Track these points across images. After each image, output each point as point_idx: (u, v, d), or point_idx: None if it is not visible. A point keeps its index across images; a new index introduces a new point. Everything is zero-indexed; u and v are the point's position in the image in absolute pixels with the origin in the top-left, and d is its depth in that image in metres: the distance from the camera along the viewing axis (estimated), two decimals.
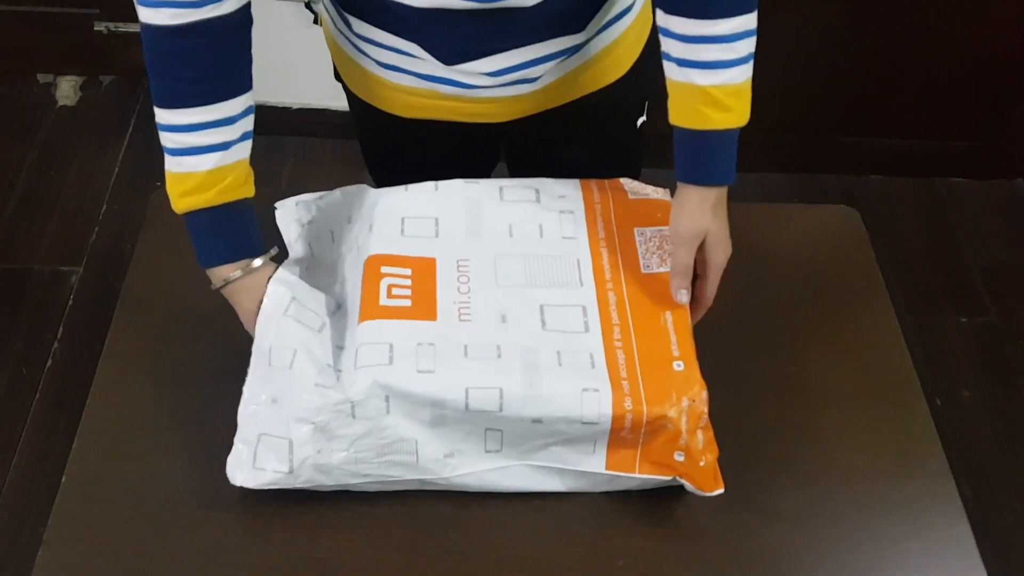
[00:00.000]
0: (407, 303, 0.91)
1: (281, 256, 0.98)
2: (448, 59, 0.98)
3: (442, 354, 0.87)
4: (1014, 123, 2.29)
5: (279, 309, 0.91)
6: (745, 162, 0.94)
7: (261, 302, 0.92)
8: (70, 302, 2.03)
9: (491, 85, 1.02)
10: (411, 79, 1.03)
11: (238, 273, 0.93)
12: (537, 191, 1.03)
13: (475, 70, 0.99)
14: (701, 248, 0.94)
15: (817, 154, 2.32)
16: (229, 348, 1.03)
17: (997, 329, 2.10)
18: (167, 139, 0.91)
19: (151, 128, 2.70)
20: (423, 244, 0.97)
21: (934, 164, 2.37)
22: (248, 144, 0.94)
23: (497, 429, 0.87)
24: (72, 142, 2.36)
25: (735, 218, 0.96)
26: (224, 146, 0.91)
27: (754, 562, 0.91)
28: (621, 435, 0.87)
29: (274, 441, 0.87)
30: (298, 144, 2.31)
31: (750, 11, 0.89)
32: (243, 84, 0.92)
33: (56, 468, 0.96)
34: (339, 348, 0.90)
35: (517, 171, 1.29)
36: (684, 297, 0.94)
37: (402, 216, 0.99)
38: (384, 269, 0.94)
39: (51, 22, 2.41)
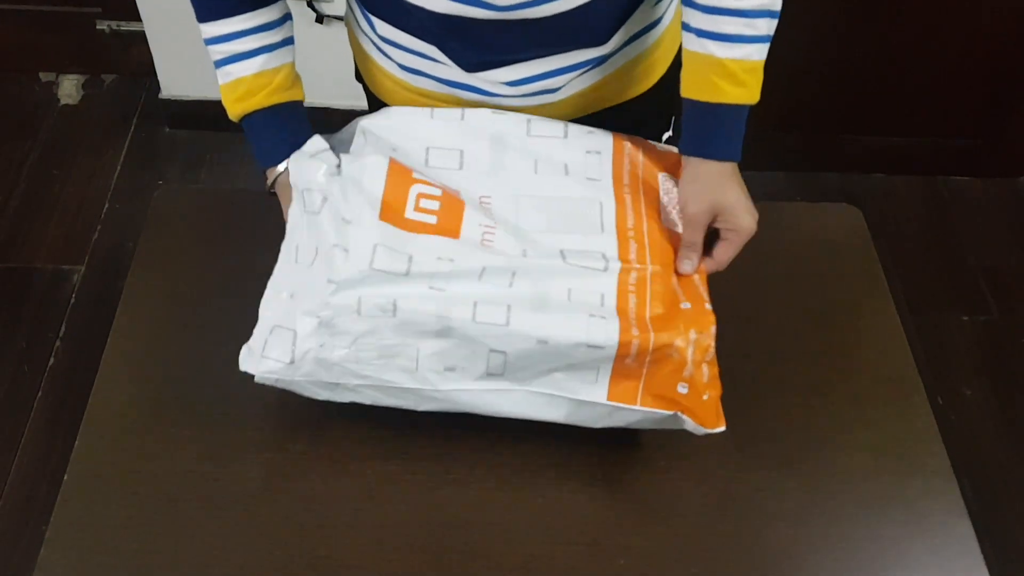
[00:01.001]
0: (433, 219, 0.90)
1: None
2: (469, 67, 0.98)
3: (457, 273, 0.87)
4: (1016, 121, 2.28)
5: (298, 207, 0.92)
6: (747, 161, 0.94)
7: None
8: (72, 301, 2.03)
9: (512, 95, 1.01)
10: (433, 83, 1.03)
11: (284, 165, 0.97)
12: (566, 127, 1.01)
13: (496, 79, 0.99)
14: (722, 219, 0.93)
15: (819, 153, 2.32)
16: (230, 346, 1.03)
17: (999, 328, 2.10)
18: (214, 51, 0.96)
19: (153, 127, 2.70)
20: (447, 175, 0.96)
21: (936, 162, 2.37)
22: (291, 50, 1.00)
23: (501, 351, 0.86)
24: (74, 141, 2.36)
25: None
26: (267, 49, 0.96)
27: (756, 561, 0.91)
28: (625, 363, 0.86)
29: (283, 332, 0.89)
30: None
31: None
32: None
33: (58, 467, 0.96)
34: (344, 222, 0.89)
35: None
36: (688, 267, 0.94)
37: (427, 145, 0.98)
38: (416, 176, 0.93)
39: (53, 21, 2.41)
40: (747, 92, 0.91)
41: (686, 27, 0.93)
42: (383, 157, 0.93)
